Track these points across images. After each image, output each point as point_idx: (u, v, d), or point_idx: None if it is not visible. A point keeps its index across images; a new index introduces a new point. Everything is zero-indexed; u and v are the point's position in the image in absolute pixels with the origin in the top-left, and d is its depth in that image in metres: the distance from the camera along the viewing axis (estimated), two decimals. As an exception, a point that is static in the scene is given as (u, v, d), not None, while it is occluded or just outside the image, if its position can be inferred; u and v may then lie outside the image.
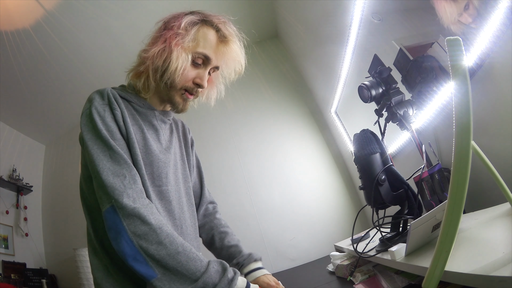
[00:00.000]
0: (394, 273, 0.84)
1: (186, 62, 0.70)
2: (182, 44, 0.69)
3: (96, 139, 0.63)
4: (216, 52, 0.74)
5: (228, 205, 2.27)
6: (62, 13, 1.95)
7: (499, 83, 0.78)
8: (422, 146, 0.99)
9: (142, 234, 0.55)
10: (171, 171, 0.75)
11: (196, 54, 0.72)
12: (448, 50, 0.40)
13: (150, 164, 0.69)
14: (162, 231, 0.56)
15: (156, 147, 0.72)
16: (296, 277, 1.54)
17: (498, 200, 0.74)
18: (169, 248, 0.55)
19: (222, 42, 0.74)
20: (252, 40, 2.82)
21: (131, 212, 0.56)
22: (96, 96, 0.68)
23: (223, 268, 0.58)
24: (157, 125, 0.77)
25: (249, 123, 2.54)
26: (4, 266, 2.21)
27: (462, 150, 0.38)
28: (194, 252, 0.58)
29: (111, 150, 0.61)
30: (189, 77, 0.73)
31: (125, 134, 0.66)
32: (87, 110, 0.67)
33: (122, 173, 0.60)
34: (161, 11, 0.85)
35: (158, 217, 0.59)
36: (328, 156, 2.36)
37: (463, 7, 0.83)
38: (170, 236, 0.57)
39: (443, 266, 0.40)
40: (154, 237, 0.55)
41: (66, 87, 2.60)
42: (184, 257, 0.55)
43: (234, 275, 0.58)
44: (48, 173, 3.04)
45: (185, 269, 0.55)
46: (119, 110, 0.68)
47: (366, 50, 1.37)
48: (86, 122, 0.65)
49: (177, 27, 0.70)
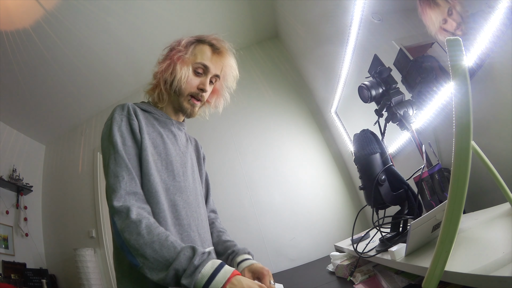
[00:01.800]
0: (394, 273, 0.84)
1: (188, 71, 0.86)
2: (183, 58, 0.86)
3: (109, 145, 0.73)
4: (212, 61, 0.90)
5: (228, 205, 2.27)
6: (62, 13, 1.95)
7: (499, 83, 0.78)
8: (422, 146, 0.99)
9: (125, 227, 0.62)
10: (189, 171, 0.86)
11: (196, 65, 0.88)
12: (448, 50, 0.40)
13: (170, 163, 0.80)
14: (141, 223, 0.62)
15: (174, 149, 0.84)
16: (296, 277, 1.54)
17: (498, 200, 0.74)
18: (145, 238, 0.60)
19: (215, 53, 0.91)
20: (252, 40, 2.82)
21: (118, 209, 0.64)
22: (117, 109, 0.80)
23: (193, 253, 0.59)
24: (175, 131, 0.90)
25: (249, 123, 2.54)
26: (4, 266, 2.21)
27: (462, 150, 0.38)
28: (170, 240, 0.61)
29: (117, 153, 0.71)
30: (194, 84, 0.88)
31: (139, 141, 0.76)
32: (108, 120, 0.78)
33: (121, 174, 0.68)
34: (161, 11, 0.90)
35: (141, 213, 0.65)
36: (328, 156, 2.36)
37: (446, 12, 0.85)
38: (148, 227, 0.62)
39: (443, 266, 0.40)
40: (133, 228, 0.61)
41: (66, 87, 2.60)
42: (158, 245, 0.60)
43: (202, 259, 0.59)
44: (48, 173, 3.04)
45: (160, 256, 0.59)
46: (136, 120, 0.78)
47: (366, 50, 1.37)
48: (105, 131, 0.77)
49: (178, 46, 0.88)
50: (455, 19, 0.85)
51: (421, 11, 0.96)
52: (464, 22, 0.83)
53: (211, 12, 2.35)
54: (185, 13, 2.28)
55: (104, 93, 2.87)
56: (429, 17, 0.93)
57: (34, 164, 2.99)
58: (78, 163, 2.93)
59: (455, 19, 0.85)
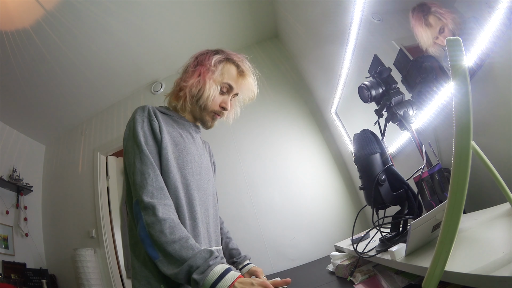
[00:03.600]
0: (394, 273, 0.84)
1: (216, 91, 0.92)
2: (213, 78, 0.91)
3: (133, 145, 0.78)
4: (236, 82, 0.96)
5: (228, 205, 2.27)
6: (62, 13, 1.95)
7: (499, 83, 0.78)
8: (422, 146, 0.99)
9: (150, 223, 0.67)
10: (204, 171, 0.91)
11: (222, 84, 0.94)
12: (448, 50, 0.40)
13: (191, 161, 0.85)
14: (166, 223, 0.67)
15: (193, 149, 0.89)
16: (296, 277, 1.54)
17: (498, 200, 0.74)
18: (168, 237, 0.66)
19: (241, 75, 0.97)
20: (252, 40, 2.82)
21: (146, 205, 0.68)
22: (138, 110, 0.85)
23: (210, 255, 0.65)
24: (192, 133, 0.96)
25: (249, 123, 2.54)
26: (4, 266, 2.21)
27: (462, 150, 0.38)
28: (190, 243, 0.67)
29: (142, 153, 0.76)
30: (217, 102, 0.94)
31: (160, 140, 0.80)
32: (130, 122, 0.83)
33: (147, 172, 0.73)
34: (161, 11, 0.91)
35: (167, 212, 0.70)
36: (328, 156, 2.36)
37: (437, 31, 0.87)
38: (172, 228, 0.67)
39: (443, 266, 0.40)
40: (158, 226, 0.66)
41: (66, 87, 2.60)
42: (178, 246, 0.65)
43: (215, 261, 0.65)
44: (48, 173, 3.04)
45: (178, 255, 0.64)
46: (156, 121, 0.83)
47: (366, 50, 1.37)
48: (128, 132, 0.82)
49: (209, 64, 0.92)
50: (446, 36, 0.86)
51: (413, 27, 0.97)
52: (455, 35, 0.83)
53: (211, 12, 2.35)
54: (185, 13, 2.28)
55: (104, 93, 2.87)
56: (421, 35, 0.94)
57: (34, 164, 2.99)
58: (78, 163, 2.93)
59: (447, 36, 0.86)
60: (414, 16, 0.96)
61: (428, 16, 0.90)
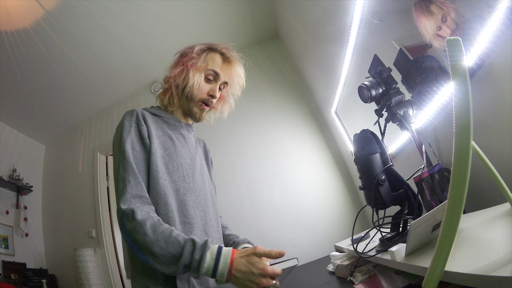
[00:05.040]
0: (394, 273, 0.84)
1: (200, 78, 0.90)
2: (196, 65, 0.90)
3: (119, 151, 0.77)
4: (222, 69, 0.94)
5: (228, 205, 2.27)
6: (62, 13, 1.95)
7: (499, 83, 0.78)
8: (422, 146, 0.99)
9: (133, 228, 0.66)
10: (198, 172, 0.89)
11: (207, 72, 0.92)
12: (448, 50, 0.40)
13: (181, 165, 0.84)
14: (146, 223, 0.66)
15: (184, 151, 0.88)
16: (296, 277, 1.53)
17: (498, 200, 0.74)
18: (151, 237, 0.65)
19: (226, 61, 0.95)
20: (252, 40, 2.82)
21: (125, 212, 0.68)
22: (127, 115, 0.83)
23: (193, 247, 0.64)
24: (184, 133, 0.94)
25: (249, 123, 2.54)
26: (4, 266, 2.21)
27: (462, 150, 0.38)
28: (173, 235, 0.66)
29: (125, 159, 0.74)
30: (204, 90, 0.92)
31: (148, 146, 0.79)
32: (118, 127, 0.82)
33: (128, 179, 0.72)
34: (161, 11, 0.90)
35: (145, 213, 0.68)
36: (328, 156, 2.36)
37: (440, 19, 0.87)
38: (153, 226, 0.66)
39: (443, 266, 0.40)
40: (140, 229, 0.66)
41: (66, 87, 2.60)
42: (163, 243, 0.65)
43: (202, 253, 0.64)
44: (48, 173, 3.04)
45: (167, 252, 0.64)
46: (144, 126, 0.81)
47: (366, 50, 1.37)
48: (116, 137, 0.81)
49: (191, 53, 0.91)
50: (449, 26, 0.86)
51: (416, 19, 0.97)
52: (459, 28, 0.83)
53: (211, 12, 2.35)
54: (185, 13, 2.28)
55: (104, 93, 2.87)
56: (424, 25, 0.94)
57: (34, 164, 2.99)
58: (78, 163, 2.93)
59: (450, 26, 0.86)
60: (416, 7, 0.96)
61: (430, 5, 0.91)
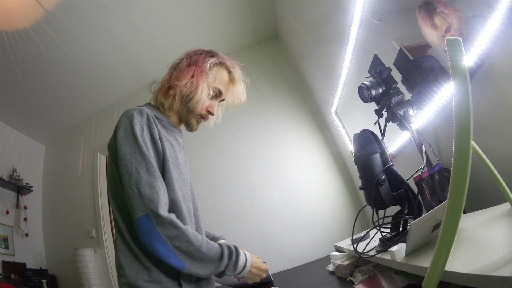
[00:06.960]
0: (394, 273, 0.84)
1: (206, 95, 0.89)
2: (207, 81, 0.88)
3: (135, 153, 0.72)
4: (226, 88, 0.94)
5: (228, 205, 2.27)
6: (62, 13, 1.95)
7: (499, 83, 0.78)
8: (422, 146, 0.99)
9: (174, 236, 0.68)
10: (187, 177, 0.89)
11: (213, 89, 0.91)
12: (448, 50, 0.40)
13: (182, 172, 0.84)
14: (189, 232, 0.70)
15: (181, 158, 0.87)
16: (296, 277, 1.54)
17: (498, 200, 0.74)
18: (195, 245, 0.70)
19: (231, 82, 0.95)
20: (252, 40, 2.82)
21: (165, 220, 0.67)
22: (135, 113, 0.77)
23: (230, 252, 0.76)
24: (179, 140, 0.93)
25: (249, 123, 2.54)
26: (4, 266, 2.21)
27: (462, 150, 0.38)
28: (210, 243, 0.74)
29: (149, 164, 0.71)
30: (205, 106, 0.91)
31: (161, 151, 0.77)
32: (126, 124, 0.75)
33: (157, 185, 0.70)
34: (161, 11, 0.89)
35: (183, 222, 0.72)
36: (328, 156, 2.36)
37: (444, 31, 0.88)
38: (195, 235, 0.71)
39: (443, 266, 0.40)
40: (183, 237, 0.69)
41: (66, 87, 2.60)
42: (205, 249, 0.71)
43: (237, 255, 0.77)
44: (48, 173, 3.04)
45: (207, 257, 0.71)
46: (156, 129, 0.78)
47: (366, 50, 1.37)
48: (125, 136, 0.74)
49: (202, 64, 0.89)
50: (453, 35, 0.86)
51: (420, 25, 0.97)
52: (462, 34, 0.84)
53: (211, 12, 2.35)
54: (185, 13, 2.28)
55: (104, 93, 2.87)
56: (428, 35, 0.95)
57: (34, 164, 2.99)
58: (78, 163, 2.93)
59: (454, 35, 0.86)
60: (420, 16, 0.96)
61: (434, 17, 0.91)
